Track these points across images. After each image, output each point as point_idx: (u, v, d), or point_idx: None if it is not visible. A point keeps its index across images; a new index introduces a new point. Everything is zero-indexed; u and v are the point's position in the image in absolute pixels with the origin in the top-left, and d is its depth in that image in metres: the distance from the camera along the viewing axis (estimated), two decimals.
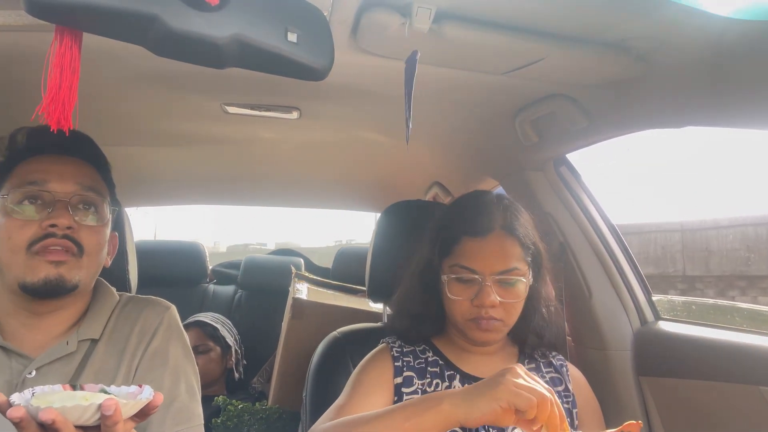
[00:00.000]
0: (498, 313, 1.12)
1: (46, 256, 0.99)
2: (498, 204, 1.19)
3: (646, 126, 1.24)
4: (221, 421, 2.09)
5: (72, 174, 1.05)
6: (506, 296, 1.12)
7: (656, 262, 10.85)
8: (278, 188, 2.77)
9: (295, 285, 2.23)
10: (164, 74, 1.29)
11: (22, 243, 0.98)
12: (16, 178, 1.03)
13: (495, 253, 1.13)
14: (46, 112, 0.69)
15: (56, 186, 1.02)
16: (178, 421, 1.04)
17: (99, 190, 1.08)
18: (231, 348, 2.46)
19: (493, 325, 1.12)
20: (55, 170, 1.04)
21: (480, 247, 1.14)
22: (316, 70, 0.80)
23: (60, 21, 0.70)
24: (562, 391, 1.21)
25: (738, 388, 1.25)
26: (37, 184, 1.01)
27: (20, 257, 0.98)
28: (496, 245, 1.14)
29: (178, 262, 2.86)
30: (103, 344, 1.07)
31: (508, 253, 1.13)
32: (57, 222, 0.99)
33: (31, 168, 1.04)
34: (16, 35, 1.03)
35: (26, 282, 0.98)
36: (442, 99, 1.42)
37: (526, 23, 0.96)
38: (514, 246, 1.14)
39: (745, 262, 9.60)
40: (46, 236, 0.99)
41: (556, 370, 1.24)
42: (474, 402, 0.90)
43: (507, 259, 1.13)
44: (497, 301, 1.10)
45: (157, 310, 1.15)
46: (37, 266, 0.98)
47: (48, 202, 1.01)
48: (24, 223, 0.99)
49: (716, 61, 0.98)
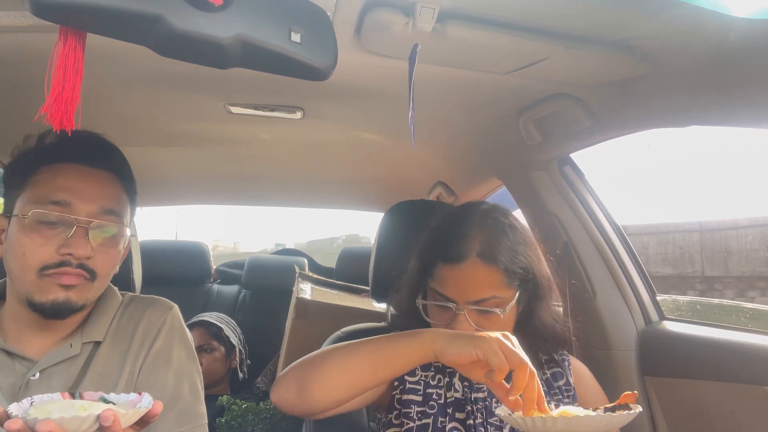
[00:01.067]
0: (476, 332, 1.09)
1: (59, 279, 0.98)
2: (480, 226, 1.12)
3: (651, 125, 1.24)
4: (225, 420, 2.10)
5: (97, 194, 1.03)
6: (485, 324, 1.07)
7: (674, 263, 10.81)
8: (281, 188, 2.77)
9: (299, 285, 2.23)
10: (167, 74, 1.29)
11: (35, 264, 0.97)
12: (38, 189, 1.01)
13: (469, 281, 1.08)
14: (49, 113, 0.69)
15: (79, 208, 1.00)
16: (182, 422, 1.04)
17: (120, 210, 1.07)
18: (235, 348, 2.46)
19: None
20: (80, 189, 1.01)
21: (454, 274, 1.09)
22: (319, 70, 0.80)
23: (64, 21, 0.70)
24: (563, 385, 1.20)
25: (743, 388, 1.25)
26: (61, 204, 0.99)
27: (31, 276, 0.97)
28: (471, 273, 1.08)
29: (183, 262, 2.86)
30: (106, 345, 1.07)
31: (483, 282, 1.08)
32: (75, 252, 0.97)
33: (57, 182, 1.01)
34: (21, 36, 1.03)
35: (34, 301, 0.97)
36: (445, 99, 1.42)
37: (530, 22, 0.96)
38: (491, 273, 1.08)
39: (765, 263, 9.56)
40: (61, 264, 0.97)
41: (557, 364, 1.24)
42: (454, 340, 0.93)
43: (482, 288, 1.07)
44: (474, 329, 1.06)
45: (160, 310, 1.14)
46: (48, 288, 0.97)
47: (68, 224, 0.98)
48: (41, 244, 0.97)
49: (721, 61, 0.97)
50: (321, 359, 1.01)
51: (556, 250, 1.57)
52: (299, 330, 2.07)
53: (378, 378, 1.00)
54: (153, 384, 1.05)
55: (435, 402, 1.14)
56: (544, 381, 1.20)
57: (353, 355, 1.00)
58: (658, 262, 10.97)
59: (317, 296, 2.17)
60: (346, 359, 1.00)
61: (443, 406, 1.14)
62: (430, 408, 1.14)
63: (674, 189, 63.78)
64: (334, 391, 0.99)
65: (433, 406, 1.14)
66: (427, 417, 1.13)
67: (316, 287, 2.29)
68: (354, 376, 0.99)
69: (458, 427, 1.12)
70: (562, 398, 1.19)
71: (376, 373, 0.99)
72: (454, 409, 1.14)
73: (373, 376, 0.99)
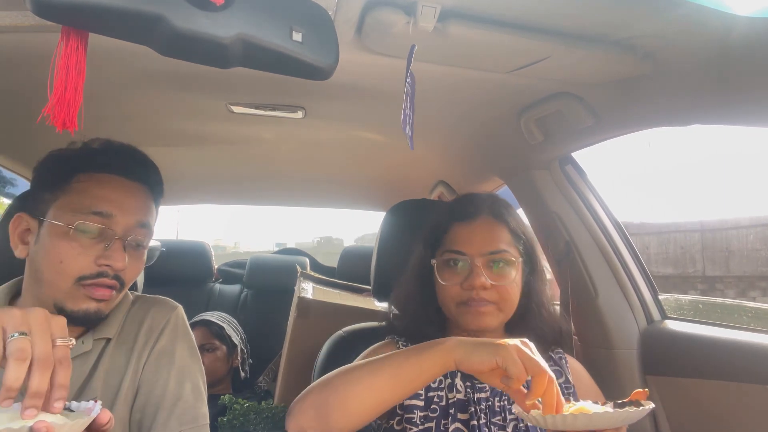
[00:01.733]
0: (490, 295, 1.13)
1: (93, 292, 1.00)
2: (489, 196, 1.25)
3: (653, 124, 1.24)
4: (227, 419, 2.10)
5: (134, 207, 1.05)
6: (497, 278, 1.13)
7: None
8: (283, 187, 2.77)
9: (301, 284, 2.23)
10: (169, 74, 1.29)
11: (73, 273, 0.98)
12: (80, 197, 1.01)
13: (483, 235, 1.16)
14: (52, 114, 0.69)
15: (119, 221, 1.02)
16: (183, 422, 1.05)
17: (150, 224, 1.09)
18: (237, 347, 2.47)
19: (486, 307, 1.13)
20: (122, 201, 1.04)
21: (468, 230, 1.17)
22: (321, 69, 0.80)
23: (66, 21, 0.70)
24: (562, 384, 1.21)
25: (745, 387, 1.25)
26: (103, 215, 1.01)
27: (66, 284, 0.98)
28: (484, 228, 1.17)
29: (184, 261, 2.87)
30: (113, 343, 1.08)
31: (496, 236, 1.16)
32: (114, 265, 1.00)
33: (101, 192, 1.02)
34: (22, 36, 1.03)
35: (65, 309, 0.99)
36: (447, 98, 1.42)
37: (532, 21, 0.96)
38: (502, 230, 1.17)
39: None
40: (99, 275, 1.00)
41: (555, 363, 1.24)
42: (475, 349, 0.91)
43: (495, 241, 1.15)
44: (488, 283, 1.11)
45: (164, 310, 1.15)
46: (81, 299, 0.99)
47: (107, 237, 1.01)
48: (79, 254, 0.98)
49: (723, 59, 0.97)
50: (340, 382, 0.97)
51: (558, 249, 1.57)
52: (301, 329, 2.07)
53: (400, 396, 0.98)
54: (155, 383, 1.06)
55: (437, 405, 1.14)
56: None
57: (374, 375, 0.96)
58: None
59: (319, 295, 2.18)
60: (367, 381, 0.96)
61: (445, 407, 1.14)
62: (432, 411, 1.13)
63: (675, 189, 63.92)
64: (357, 416, 0.95)
65: (435, 410, 1.13)
66: (430, 421, 1.12)
67: (317, 286, 2.29)
68: (376, 398, 0.95)
69: (461, 428, 1.11)
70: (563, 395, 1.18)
71: (398, 392, 0.96)
72: (457, 410, 1.13)
73: (395, 395, 0.96)
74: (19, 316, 0.71)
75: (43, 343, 0.69)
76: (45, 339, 0.70)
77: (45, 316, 0.72)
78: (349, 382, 0.96)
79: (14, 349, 0.67)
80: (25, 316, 0.71)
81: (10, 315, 0.70)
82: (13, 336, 0.68)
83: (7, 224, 1.07)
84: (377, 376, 0.96)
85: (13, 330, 0.69)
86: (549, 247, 1.61)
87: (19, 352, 0.67)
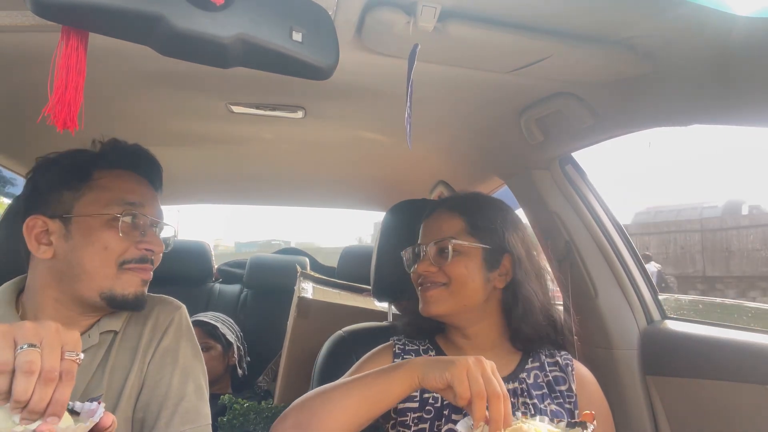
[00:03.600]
0: (438, 276, 1.21)
1: (140, 274, 1.08)
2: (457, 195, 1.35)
3: (653, 124, 1.24)
4: (227, 419, 2.10)
5: (153, 199, 1.15)
6: (442, 261, 1.21)
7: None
8: (283, 187, 2.77)
9: (301, 284, 2.23)
10: (169, 74, 1.29)
11: (117, 258, 1.06)
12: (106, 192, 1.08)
13: (433, 226, 1.27)
14: (53, 113, 0.70)
15: (149, 210, 1.12)
16: (185, 421, 1.05)
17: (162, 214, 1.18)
18: (232, 345, 2.46)
19: (433, 290, 1.21)
20: (144, 193, 1.13)
21: (426, 224, 1.30)
22: (321, 69, 0.80)
23: (65, 21, 0.70)
24: (565, 391, 1.21)
25: (745, 387, 1.25)
26: (136, 206, 1.09)
27: (112, 270, 1.05)
28: (435, 219, 1.28)
29: (184, 261, 2.87)
30: (118, 340, 1.09)
31: (444, 226, 1.25)
32: (154, 248, 1.10)
33: (126, 186, 1.11)
34: (22, 36, 1.03)
35: (115, 293, 1.05)
36: (447, 97, 1.42)
37: (532, 21, 0.96)
38: (453, 219, 1.25)
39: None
40: (142, 259, 1.08)
41: (560, 369, 1.24)
42: (431, 366, 0.98)
43: (442, 230, 1.24)
44: (432, 267, 1.21)
45: (169, 309, 1.17)
46: (131, 281, 1.07)
47: (141, 225, 1.10)
48: (122, 239, 1.06)
49: (723, 59, 0.97)
50: (317, 404, 1.02)
51: (558, 249, 1.57)
52: (301, 329, 2.07)
53: (373, 415, 1.02)
54: (158, 382, 1.07)
55: (431, 406, 1.15)
56: (546, 383, 1.21)
57: (347, 397, 1.01)
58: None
59: (319, 295, 2.18)
60: (341, 402, 1.00)
61: (440, 408, 1.15)
62: (427, 413, 1.15)
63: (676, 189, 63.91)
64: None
65: (430, 411, 1.15)
66: (424, 422, 1.14)
67: (317, 286, 2.29)
68: (350, 417, 1.00)
69: (455, 428, 1.12)
70: (563, 403, 1.19)
71: (370, 411, 1.01)
72: (451, 411, 1.14)
73: (368, 414, 1.01)
74: (30, 328, 0.71)
75: (51, 356, 0.70)
76: (54, 352, 0.70)
77: (57, 328, 0.73)
78: (325, 403, 1.01)
79: (23, 362, 0.68)
80: (36, 329, 0.71)
81: (22, 327, 0.71)
82: (22, 348, 0.69)
83: (8, 224, 1.07)
84: (350, 397, 1.01)
85: (23, 341, 0.69)
86: (549, 247, 1.61)
87: (28, 365, 0.67)
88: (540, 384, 1.21)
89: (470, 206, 1.27)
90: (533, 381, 1.21)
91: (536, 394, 1.19)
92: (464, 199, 1.31)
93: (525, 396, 1.18)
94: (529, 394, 1.18)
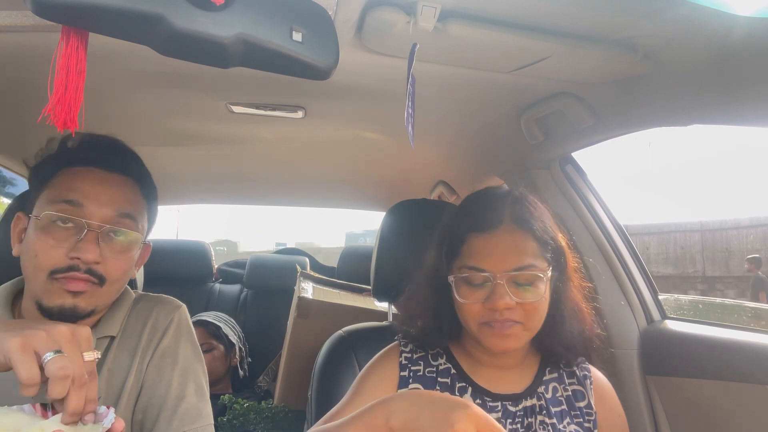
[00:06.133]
0: (516, 314, 0.99)
1: (66, 285, 0.97)
2: (507, 197, 1.07)
3: (653, 124, 1.24)
4: (227, 419, 2.10)
5: (111, 197, 1.02)
6: (523, 296, 0.99)
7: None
8: (283, 187, 2.77)
9: (301, 284, 2.23)
10: (169, 74, 1.29)
11: (46, 267, 0.97)
12: (54, 190, 1.01)
13: (506, 248, 1.01)
14: (53, 114, 0.69)
15: (92, 210, 0.99)
16: (186, 422, 1.05)
17: (136, 215, 1.06)
18: (234, 346, 2.47)
19: (511, 328, 0.99)
20: (96, 192, 1.01)
21: (489, 243, 1.02)
22: (321, 69, 0.80)
23: (66, 21, 0.70)
24: (584, 408, 1.09)
25: (745, 387, 1.25)
26: (73, 204, 0.99)
27: (41, 278, 0.97)
28: (507, 240, 1.01)
29: (184, 261, 2.87)
30: (116, 342, 1.08)
31: (520, 249, 1.01)
32: (83, 257, 0.97)
33: (71, 183, 1.01)
34: (22, 36, 1.03)
35: (42, 304, 0.98)
36: (447, 97, 1.42)
37: (532, 21, 0.96)
38: (527, 240, 1.02)
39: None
40: (69, 268, 0.97)
41: (579, 382, 1.12)
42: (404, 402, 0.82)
43: (520, 255, 1.00)
44: (512, 303, 0.98)
45: (168, 308, 1.15)
46: (56, 293, 0.97)
47: (79, 228, 0.98)
48: (52, 246, 0.97)
49: (723, 59, 0.97)
50: None
51: None
52: (301, 329, 2.07)
53: None
54: (158, 383, 1.06)
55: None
56: (565, 398, 1.10)
57: None
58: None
59: (319, 295, 2.18)
60: None
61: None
62: None
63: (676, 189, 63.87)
64: None
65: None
66: None
67: (317, 286, 2.29)
68: None
69: None
70: (583, 422, 1.07)
71: None
72: None
73: None
74: (44, 335, 0.71)
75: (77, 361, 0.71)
76: (77, 356, 0.71)
77: (71, 330, 0.73)
78: None
79: (55, 368, 0.68)
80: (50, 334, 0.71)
81: (36, 336, 0.71)
82: (49, 356, 0.69)
83: (7, 224, 1.07)
84: None
85: (45, 350, 0.69)
86: None
87: (62, 371, 0.69)
88: (559, 399, 1.09)
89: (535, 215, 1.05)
90: (552, 396, 1.08)
91: (555, 412, 1.06)
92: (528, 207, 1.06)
93: (544, 414, 1.05)
94: (548, 412, 1.05)
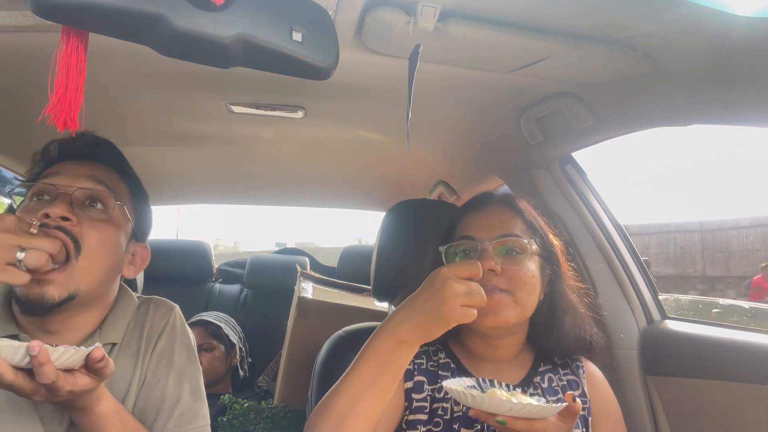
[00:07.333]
0: (502, 282, 1.03)
1: None
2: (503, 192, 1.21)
3: (653, 124, 1.24)
4: (227, 419, 2.10)
5: (85, 172, 1.04)
6: (509, 264, 1.04)
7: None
8: (283, 187, 2.77)
9: (301, 284, 2.23)
10: (169, 74, 1.29)
11: None
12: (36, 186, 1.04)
13: (495, 221, 1.11)
14: (53, 114, 0.70)
15: (64, 180, 1.01)
16: (182, 423, 1.04)
17: (109, 183, 1.06)
18: (235, 346, 2.47)
19: (499, 297, 1.03)
20: (66, 170, 1.03)
21: (479, 216, 1.13)
22: (321, 69, 0.80)
23: (66, 21, 0.70)
24: (578, 396, 1.12)
25: (745, 387, 1.25)
26: (47, 177, 1.02)
27: None
28: (496, 215, 1.13)
29: (184, 261, 2.87)
30: (118, 349, 1.07)
31: (508, 222, 1.11)
32: (50, 211, 0.93)
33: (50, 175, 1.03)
34: (23, 36, 1.03)
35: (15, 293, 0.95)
36: (447, 97, 1.42)
37: (532, 21, 0.96)
38: (515, 218, 1.12)
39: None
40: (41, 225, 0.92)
41: (572, 372, 1.17)
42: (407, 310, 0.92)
43: (507, 226, 1.10)
44: (498, 267, 1.03)
45: (162, 311, 1.15)
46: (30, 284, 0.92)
47: (51, 194, 0.99)
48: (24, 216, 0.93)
49: (723, 59, 0.97)
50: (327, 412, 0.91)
51: None
52: (301, 329, 2.07)
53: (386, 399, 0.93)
54: (154, 385, 1.06)
55: (440, 418, 1.07)
56: (560, 388, 1.14)
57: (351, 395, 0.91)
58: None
59: (319, 295, 2.18)
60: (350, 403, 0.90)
61: (449, 421, 1.07)
62: (435, 425, 1.07)
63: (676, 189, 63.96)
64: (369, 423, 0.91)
65: (439, 423, 1.07)
66: None
67: (317, 286, 2.29)
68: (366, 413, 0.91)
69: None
70: None
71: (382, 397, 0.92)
72: (461, 425, 1.06)
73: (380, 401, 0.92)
74: None
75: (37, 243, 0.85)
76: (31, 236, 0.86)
77: None
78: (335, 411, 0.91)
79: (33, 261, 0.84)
80: None
81: None
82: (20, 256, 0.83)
83: None
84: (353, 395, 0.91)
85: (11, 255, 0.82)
86: None
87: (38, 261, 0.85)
88: (555, 389, 1.13)
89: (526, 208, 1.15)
90: (548, 385, 1.14)
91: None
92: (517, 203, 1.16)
93: None
94: None
